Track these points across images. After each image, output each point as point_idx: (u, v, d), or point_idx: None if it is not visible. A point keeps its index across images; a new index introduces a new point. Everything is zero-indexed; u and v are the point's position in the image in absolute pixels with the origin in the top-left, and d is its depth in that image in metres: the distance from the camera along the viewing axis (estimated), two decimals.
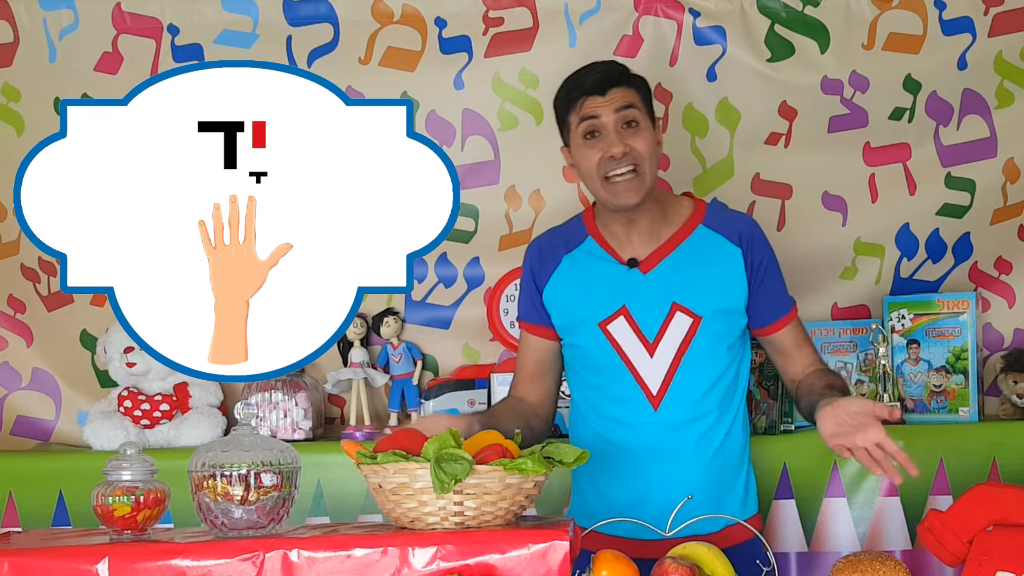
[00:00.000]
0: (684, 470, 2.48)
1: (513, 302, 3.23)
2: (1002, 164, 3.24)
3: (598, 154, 2.44)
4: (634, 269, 2.50)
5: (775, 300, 2.55)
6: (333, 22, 3.21)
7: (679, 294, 2.48)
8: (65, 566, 1.92)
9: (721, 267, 2.50)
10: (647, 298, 2.49)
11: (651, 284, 2.50)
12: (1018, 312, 3.29)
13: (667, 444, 2.49)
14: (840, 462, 2.97)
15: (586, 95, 2.45)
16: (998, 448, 2.98)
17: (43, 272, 3.31)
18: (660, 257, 2.51)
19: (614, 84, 2.45)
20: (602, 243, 2.54)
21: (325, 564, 1.93)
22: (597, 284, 2.52)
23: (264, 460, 2.00)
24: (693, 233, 2.52)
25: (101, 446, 3.12)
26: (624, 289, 2.50)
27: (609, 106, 2.44)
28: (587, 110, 2.45)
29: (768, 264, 2.53)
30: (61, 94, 3.22)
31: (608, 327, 2.50)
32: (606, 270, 2.52)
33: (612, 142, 2.42)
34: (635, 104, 2.46)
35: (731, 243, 2.51)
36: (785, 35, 3.20)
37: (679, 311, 2.48)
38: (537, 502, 2.08)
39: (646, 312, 2.49)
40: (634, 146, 2.43)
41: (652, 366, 2.48)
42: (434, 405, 3.14)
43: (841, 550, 2.93)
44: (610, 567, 2.01)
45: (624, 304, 2.50)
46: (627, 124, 2.44)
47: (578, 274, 2.54)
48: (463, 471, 1.93)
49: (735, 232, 2.52)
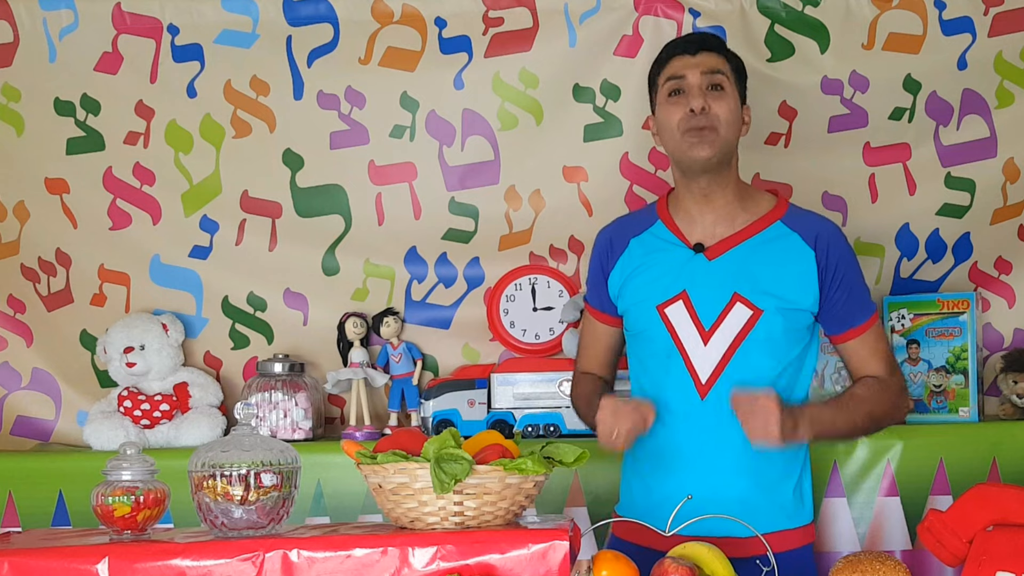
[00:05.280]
0: (727, 465, 2.43)
1: (513, 302, 3.24)
2: (1002, 164, 3.24)
3: (680, 111, 2.45)
4: (699, 255, 2.48)
5: (849, 308, 2.49)
6: (333, 22, 3.21)
7: (742, 285, 2.45)
8: (65, 566, 1.92)
9: (792, 266, 2.46)
10: (709, 285, 2.47)
11: (714, 271, 2.47)
12: (1018, 312, 3.29)
13: (711, 437, 2.43)
14: (840, 462, 2.98)
15: (676, 54, 2.49)
16: (998, 448, 2.98)
17: (43, 272, 3.31)
18: (728, 246, 2.48)
19: (706, 48, 2.49)
20: (672, 227, 2.54)
21: (325, 564, 1.93)
22: (661, 266, 2.51)
23: (264, 460, 2.01)
24: (769, 228, 2.50)
25: (101, 446, 3.12)
26: (686, 273, 2.48)
27: (697, 67, 2.47)
28: (675, 69, 2.48)
29: (845, 270, 2.48)
30: (61, 94, 3.24)
31: (666, 310, 2.48)
32: (672, 253, 2.51)
33: (694, 97, 2.44)
34: (723, 71, 2.48)
35: (806, 244, 2.48)
36: (785, 35, 3.20)
37: (740, 302, 2.44)
38: (537, 502, 2.08)
39: (706, 299, 2.46)
40: (715, 108, 2.44)
41: (705, 354, 2.44)
42: (434, 405, 3.14)
43: (841, 550, 2.93)
44: (610, 567, 2.01)
45: (685, 288, 2.47)
46: (713, 87, 2.46)
47: (644, 257, 2.54)
48: (463, 471, 1.93)
49: (812, 233, 2.48)
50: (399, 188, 3.26)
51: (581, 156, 3.22)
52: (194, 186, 3.27)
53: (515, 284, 3.24)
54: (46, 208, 3.28)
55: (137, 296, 3.30)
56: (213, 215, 3.27)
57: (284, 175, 3.26)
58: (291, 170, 3.25)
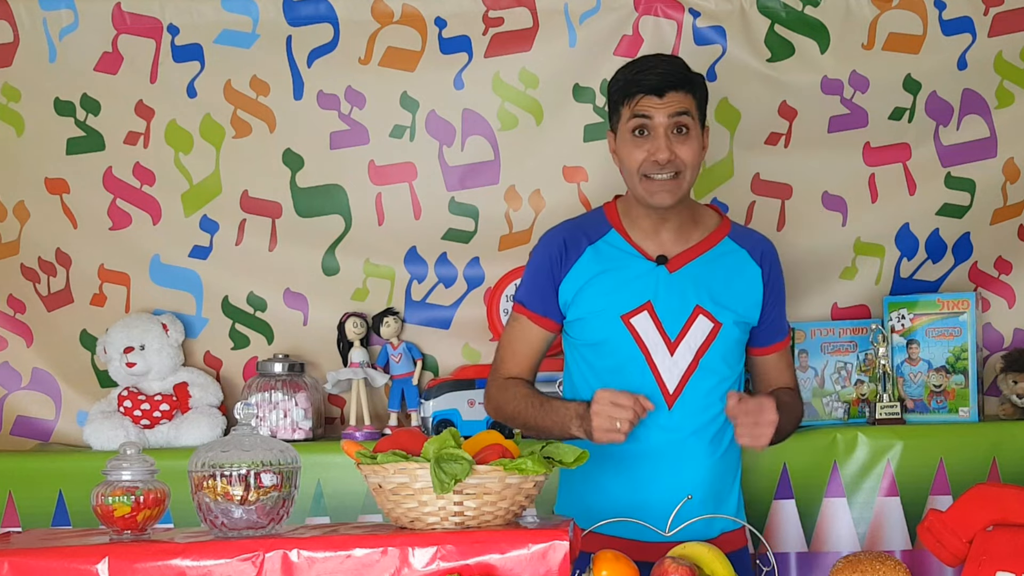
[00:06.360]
0: (690, 472, 2.50)
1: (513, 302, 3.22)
2: (1002, 164, 3.24)
3: (643, 154, 2.46)
4: (661, 267, 2.52)
5: (777, 324, 2.64)
6: (333, 22, 3.21)
7: (703, 298, 2.51)
8: (65, 566, 1.92)
9: (743, 281, 2.56)
10: (672, 296, 2.51)
11: (677, 283, 2.52)
12: (1018, 312, 3.29)
13: (677, 445, 2.50)
14: (840, 462, 2.98)
15: (643, 93, 2.46)
16: (998, 448, 2.98)
17: (43, 272, 3.31)
18: (688, 259, 2.53)
19: (673, 87, 2.46)
20: (627, 237, 2.55)
21: (325, 564, 1.93)
22: (622, 277, 2.53)
23: (264, 460, 2.00)
24: (720, 243, 2.57)
25: (101, 446, 3.12)
26: (650, 285, 2.51)
27: (663, 109, 2.45)
28: (641, 108, 2.46)
29: (780, 288, 2.63)
30: (61, 94, 3.24)
31: (631, 320, 2.50)
32: (632, 264, 2.53)
33: (660, 147, 2.44)
34: (690, 112, 2.47)
35: (753, 260, 2.58)
36: (785, 35, 3.20)
37: (701, 314, 2.51)
38: (537, 502, 2.08)
39: (670, 310, 2.51)
40: (680, 154, 2.45)
41: (671, 365, 2.50)
42: (434, 405, 3.13)
43: (841, 550, 2.93)
44: (610, 567, 2.01)
45: (649, 299, 2.51)
46: (678, 130, 2.46)
47: (602, 266, 2.54)
48: (463, 471, 1.93)
49: (758, 250, 2.60)
50: (399, 188, 3.26)
51: (581, 156, 3.22)
52: (194, 186, 3.27)
53: (515, 284, 3.24)
54: (46, 208, 3.28)
55: (137, 296, 3.29)
56: (213, 215, 3.27)
57: (284, 175, 3.26)
58: (291, 170, 3.25)
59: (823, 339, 3.17)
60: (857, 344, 3.16)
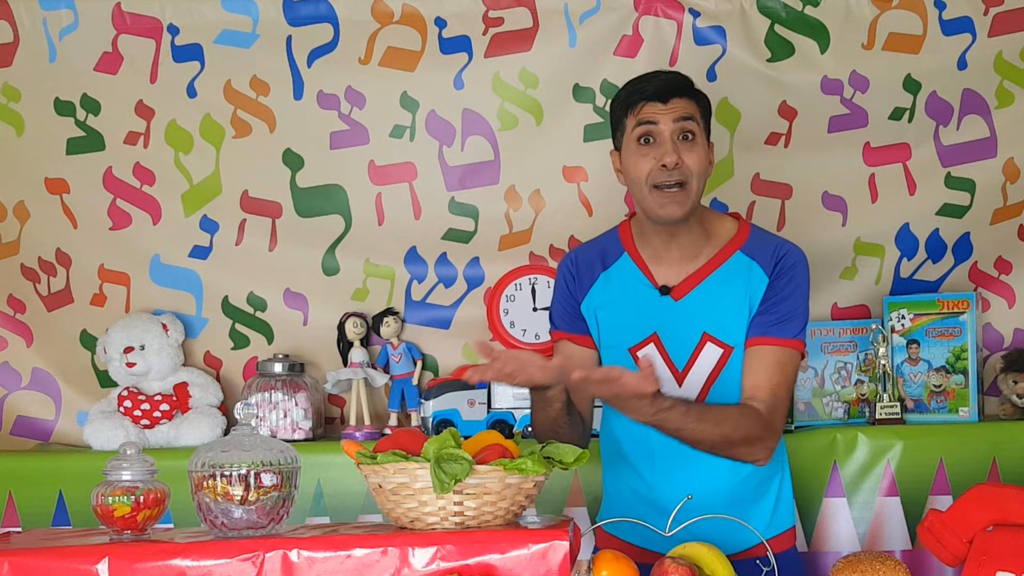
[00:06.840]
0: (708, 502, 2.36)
1: (513, 302, 3.23)
2: (1002, 164, 3.24)
3: (651, 162, 2.38)
4: (666, 296, 2.46)
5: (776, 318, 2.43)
6: (333, 22, 3.21)
7: (710, 324, 2.44)
8: (65, 566, 1.92)
9: (750, 297, 2.44)
10: (678, 327, 2.45)
11: (682, 312, 2.45)
12: (1018, 312, 3.29)
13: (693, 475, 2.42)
14: (840, 462, 2.98)
15: (647, 100, 2.41)
16: (998, 448, 2.98)
17: (43, 272, 3.31)
18: (693, 284, 2.45)
19: (677, 94, 2.41)
20: (638, 261, 2.49)
21: (325, 564, 1.93)
22: (630, 308, 2.48)
23: (264, 460, 2.00)
24: (729, 260, 2.47)
25: (101, 446, 3.12)
26: (656, 316, 2.46)
27: (668, 115, 2.40)
28: (645, 115, 2.40)
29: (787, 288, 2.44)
30: (61, 94, 3.24)
31: (639, 353, 2.45)
32: (640, 294, 2.48)
33: (667, 151, 2.37)
34: (695, 117, 2.41)
35: (763, 270, 2.45)
36: (785, 35, 3.20)
37: (710, 341, 2.44)
38: (537, 502, 2.08)
39: (677, 341, 2.45)
40: (686, 160, 2.38)
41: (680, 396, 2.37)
42: (434, 405, 3.13)
43: (841, 550, 2.93)
44: (610, 567, 2.01)
45: (655, 331, 2.46)
46: (684, 136, 2.40)
47: (612, 296, 2.50)
48: (463, 471, 1.93)
49: (771, 259, 2.46)
50: (399, 188, 3.26)
51: (581, 156, 3.22)
52: (194, 186, 3.27)
53: (515, 284, 3.24)
54: (46, 208, 3.28)
55: (137, 296, 3.30)
56: (213, 215, 3.27)
57: (284, 175, 3.26)
58: (291, 170, 3.26)
59: (823, 339, 3.17)
60: (857, 344, 3.16)
